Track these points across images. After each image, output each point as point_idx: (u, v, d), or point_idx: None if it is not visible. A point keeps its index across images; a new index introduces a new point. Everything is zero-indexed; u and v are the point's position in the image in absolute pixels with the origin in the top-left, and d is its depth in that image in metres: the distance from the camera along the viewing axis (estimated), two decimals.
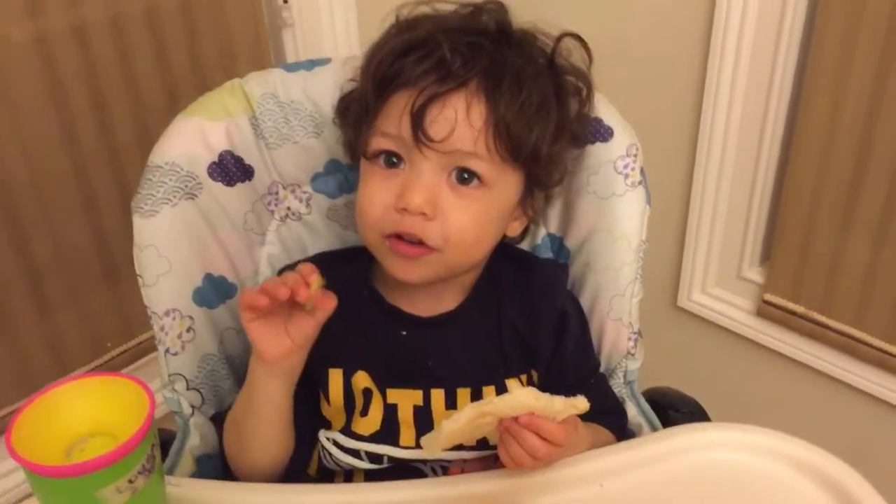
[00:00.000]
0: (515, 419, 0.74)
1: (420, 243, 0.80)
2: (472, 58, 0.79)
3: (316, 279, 0.78)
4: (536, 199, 0.91)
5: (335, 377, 0.86)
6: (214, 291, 0.93)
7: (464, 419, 0.73)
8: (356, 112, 0.86)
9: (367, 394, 0.85)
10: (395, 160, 0.81)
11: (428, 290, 0.86)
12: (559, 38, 0.87)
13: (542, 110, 0.83)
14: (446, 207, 0.80)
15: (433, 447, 0.75)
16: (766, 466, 0.81)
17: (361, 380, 0.85)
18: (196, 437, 0.91)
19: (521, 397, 0.74)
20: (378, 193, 0.82)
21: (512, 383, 0.87)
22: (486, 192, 0.81)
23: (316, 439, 0.88)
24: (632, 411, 0.96)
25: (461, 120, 0.78)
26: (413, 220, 0.79)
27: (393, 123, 0.80)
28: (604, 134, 0.94)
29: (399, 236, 0.81)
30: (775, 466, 0.81)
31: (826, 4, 1.27)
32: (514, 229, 0.90)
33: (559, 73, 0.87)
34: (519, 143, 0.81)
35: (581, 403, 0.76)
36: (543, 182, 0.89)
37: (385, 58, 0.82)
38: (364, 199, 0.83)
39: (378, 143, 0.82)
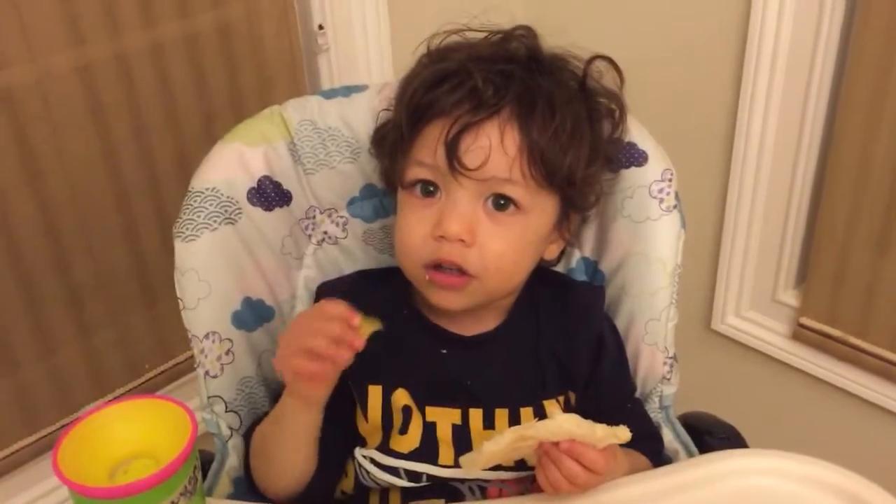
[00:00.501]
0: (556, 444, 0.74)
1: (459, 272, 0.81)
2: (503, 86, 0.80)
3: (362, 323, 0.76)
4: (572, 221, 0.91)
5: (374, 394, 0.86)
6: (253, 314, 0.94)
7: (505, 442, 0.73)
8: (391, 142, 0.87)
9: (407, 411, 0.85)
10: (431, 189, 0.82)
11: (468, 312, 0.87)
12: (590, 61, 0.88)
13: (576, 134, 0.83)
14: (483, 234, 0.81)
15: (472, 467, 0.76)
16: (804, 493, 0.81)
17: (401, 397, 0.86)
18: (234, 459, 0.92)
19: (564, 423, 0.74)
20: (416, 224, 0.83)
21: (551, 406, 0.87)
22: (522, 217, 0.82)
23: (346, 456, 0.89)
24: (668, 437, 0.96)
25: (495, 147, 0.79)
26: (452, 247, 0.80)
27: (428, 153, 0.81)
28: (638, 158, 0.95)
29: (438, 266, 0.82)
30: (813, 493, 0.80)
31: (861, 26, 1.27)
32: (552, 252, 0.91)
33: (591, 95, 0.88)
34: (553, 168, 0.81)
35: (623, 433, 0.76)
36: (579, 205, 0.90)
37: (418, 88, 0.83)
38: (402, 229, 0.84)
39: (414, 172, 0.83)
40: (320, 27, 1.40)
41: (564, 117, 0.82)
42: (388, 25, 1.41)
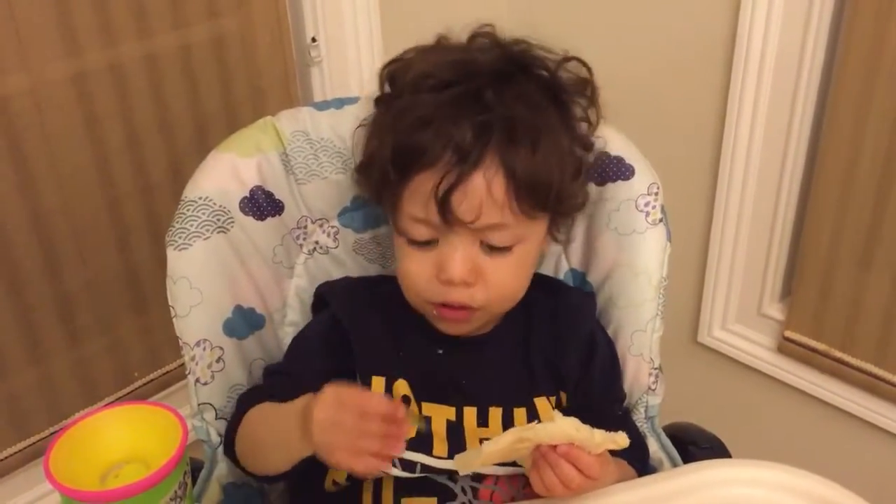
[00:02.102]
0: (553, 447, 0.75)
1: (466, 307, 0.84)
2: (482, 127, 0.80)
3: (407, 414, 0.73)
4: (562, 224, 0.93)
5: (378, 385, 0.88)
6: (244, 323, 0.95)
7: (504, 443, 0.74)
8: (377, 180, 0.88)
9: (406, 401, 0.87)
10: (429, 240, 0.84)
11: None
12: (560, 63, 0.89)
13: (557, 152, 0.84)
14: (485, 270, 0.83)
15: (467, 466, 0.77)
16: (786, 503, 0.82)
17: (401, 388, 0.88)
18: (224, 466, 0.93)
19: (563, 427, 0.75)
20: (418, 268, 0.85)
21: (544, 406, 0.89)
22: (518, 247, 0.85)
23: None
24: (653, 447, 0.97)
25: (485, 198, 0.80)
26: (457, 290, 0.83)
27: (420, 207, 0.82)
28: (625, 172, 0.97)
29: (445, 304, 0.85)
30: (795, 503, 0.82)
31: (847, 43, 1.29)
32: (544, 251, 0.94)
33: (562, 96, 0.88)
34: (542, 196, 0.83)
35: (622, 439, 0.77)
36: (568, 213, 0.92)
37: (398, 144, 0.83)
38: (406, 273, 0.86)
39: (410, 228, 0.84)
40: (313, 40, 1.41)
41: (545, 140, 0.83)
42: (381, 39, 1.43)
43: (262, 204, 0.96)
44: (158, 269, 1.29)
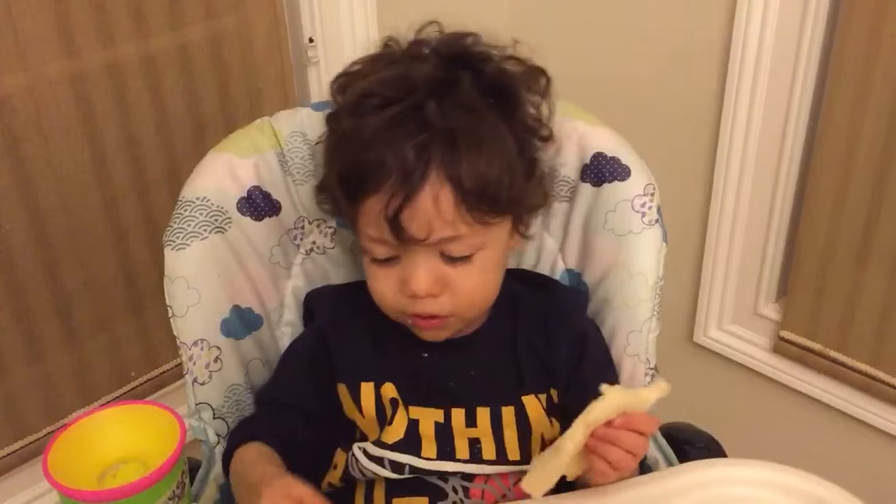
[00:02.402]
0: (608, 424, 0.76)
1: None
2: (424, 147, 0.79)
3: None
4: (527, 221, 0.92)
5: (367, 390, 0.89)
6: (241, 323, 0.95)
7: (579, 435, 0.75)
8: (333, 202, 0.90)
9: (394, 404, 0.87)
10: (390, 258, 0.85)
11: None
12: (504, 58, 0.87)
13: (503, 156, 0.83)
14: (449, 280, 0.84)
15: (538, 488, 0.76)
16: (781, 502, 0.82)
17: (389, 390, 0.88)
18: (221, 466, 0.93)
19: (615, 397, 0.76)
20: (384, 283, 0.86)
21: (531, 403, 0.89)
22: (480, 254, 0.84)
23: (325, 454, 0.91)
24: (649, 446, 0.97)
25: (434, 215, 0.79)
26: (423, 302, 0.84)
27: (374, 228, 0.82)
28: (621, 173, 0.97)
29: (416, 315, 0.85)
30: (789, 502, 0.82)
31: (843, 41, 1.29)
32: (513, 248, 0.93)
33: (507, 95, 0.86)
34: (495, 202, 0.82)
35: (663, 384, 0.78)
36: (531, 211, 0.91)
37: (343, 170, 0.83)
38: (373, 288, 0.87)
39: (370, 247, 0.84)
40: (310, 40, 1.42)
41: (489, 146, 0.82)
42: (377, 39, 1.43)
43: (259, 204, 0.96)
44: (156, 269, 1.29)
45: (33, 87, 1.16)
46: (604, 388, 0.76)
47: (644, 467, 0.95)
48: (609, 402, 0.75)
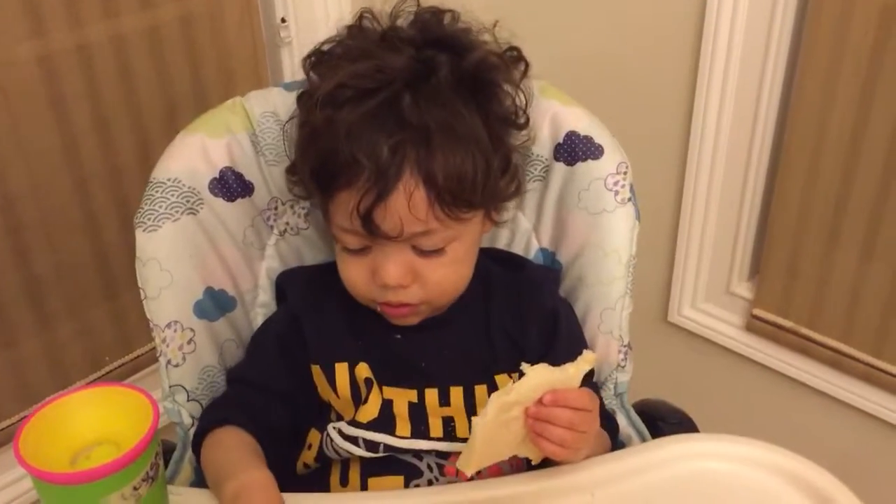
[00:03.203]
0: (540, 402, 0.75)
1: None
2: (399, 145, 0.78)
3: None
4: (500, 210, 0.92)
5: (342, 371, 0.89)
6: (214, 304, 0.95)
7: (491, 412, 0.73)
8: (304, 189, 0.90)
9: (368, 383, 0.88)
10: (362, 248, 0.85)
11: None
12: (498, 54, 0.87)
13: (478, 152, 0.82)
14: (420, 271, 0.84)
15: (469, 465, 0.75)
16: (754, 476, 0.83)
17: (363, 371, 0.88)
18: None
19: (539, 375, 0.75)
20: (355, 271, 0.86)
21: (504, 381, 0.89)
22: (451, 246, 0.85)
23: (298, 436, 0.91)
24: (622, 422, 0.98)
25: (404, 214, 0.79)
26: (394, 292, 0.85)
27: (345, 219, 0.81)
28: (594, 151, 0.97)
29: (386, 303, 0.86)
30: (763, 476, 0.83)
31: (812, 24, 1.30)
32: (486, 232, 0.93)
33: (484, 84, 0.85)
34: (469, 200, 0.82)
35: (588, 356, 0.77)
36: (503, 202, 0.91)
37: (316, 163, 0.82)
38: (344, 274, 0.88)
39: (342, 237, 0.85)
40: (283, 20, 1.41)
41: (464, 143, 0.81)
42: (350, 20, 1.42)
43: (231, 185, 0.95)
44: (128, 253, 1.27)
45: (1, 68, 1.14)
46: (524, 366, 0.76)
47: (617, 443, 0.96)
48: (532, 380, 0.75)
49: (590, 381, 0.97)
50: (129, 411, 0.73)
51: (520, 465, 0.88)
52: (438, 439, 0.87)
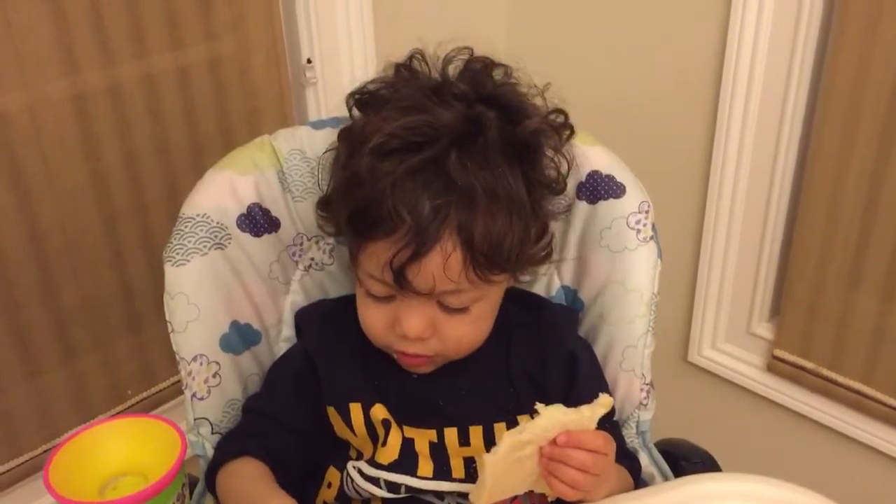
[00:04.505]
0: (553, 442, 0.75)
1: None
2: (442, 205, 0.78)
3: None
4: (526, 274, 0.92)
5: (356, 411, 0.89)
6: (240, 338, 0.96)
7: (502, 450, 0.74)
8: (336, 227, 0.90)
9: (386, 424, 0.88)
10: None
11: None
12: (541, 119, 0.87)
13: (519, 220, 0.82)
14: (441, 326, 0.84)
15: (481, 498, 0.76)
16: None
17: (379, 412, 0.88)
18: None
19: (552, 415, 0.75)
20: (376, 316, 0.86)
21: (523, 419, 0.88)
22: (476, 306, 0.85)
23: (316, 473, 0.91)
24: (644, 461, 0.98)
25: (438, 274, 0.79)
26: (412, 343, 0.85)
27: (376, 268, 0.81)
28: (616, 191, 0.98)
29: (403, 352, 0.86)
30: None
31: (833, 65, 1.31)
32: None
33: (530, 151, 0.86)
34: (502, 264, 0.83)
35: (604, 399, 0.77)
36: (533, 268, 0.92)
37: (354, 211, 0.81)
38: (364, 318, 0.88)
39: (368, 283, 0.85)
40: (308, 61, 1.43)
41: (506, 210, 0.81)
42: (375, 61, 1.45)
43: (258, 221, 0.97)
44: (153, 287, 1.30)
45: (33, 105, 1.17)
46: (539, 406, 0.76)
47: (639, 483, 0.96)
48: (545, 420, 0.75)
49: (610, 419, 0.97)
50: (157, 442, 0.74)
51: (543, 502, 0.88)
52: (461, 480, 0.86)
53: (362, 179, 0.80)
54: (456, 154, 0.79)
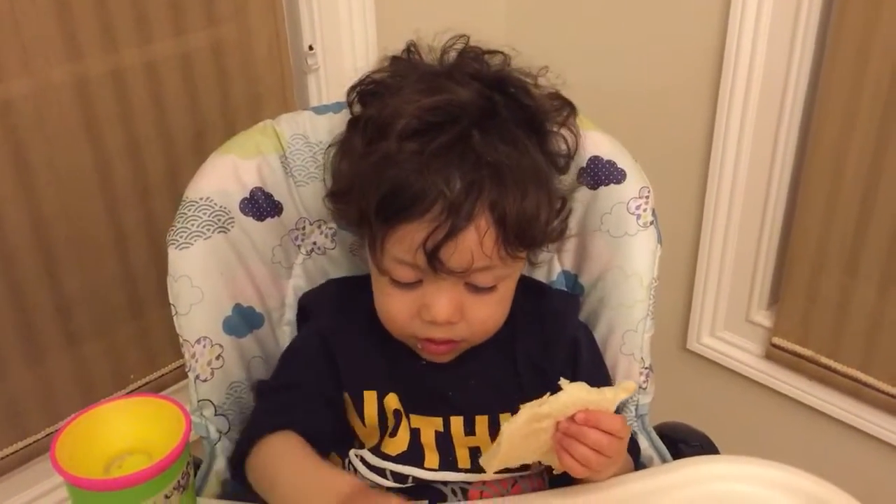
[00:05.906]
0: (571, 419, 0.76)
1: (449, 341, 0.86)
2: (473, 182, 0.78)
3: None
4: (540, 252, 0.94)
5: (370, 399, 0.89)
6: (243, 321, 0.97)
7: (521, 420, 0.74)
8: (356, 219, 0.87)
9: (397, 415, 0.88)
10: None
11: None
12: (548, 97, 0.89)
13: (545, 193, 0.84)
14: (468, 308, 0.84)
15: (491, 462, 0.77)
16: (775, 498, 0.83)
17: (392, 401, 0.89)
18: (222, 461, 0.94)
19: (574, 392, 0.75)
20: (400, 305, 0.85)
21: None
22: (501, 284, 0.86)
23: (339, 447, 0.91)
24: (643, 444, 0.99)
25: (475, 250, 0.80)
26: (441, 328, 0.84)
27: (407, 253, 0.81)
28: (617, 176, 0.99)
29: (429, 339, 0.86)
30: (783, 498, 0.83)
31: (833, 51, 1.32)
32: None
33: (543, 126, 0.89)
34: (531, 241, 0.84)
35: (628, 384, 0.79)
36: (552, 244, 0.94)
37: (384, 195, 0.80)
38: (387, 309, 0.87)
39: (394, 269, 0.83)
40: (310, 48, 1.44)
41: (533, 184, 0.82)
42: (377, 47, 1.45)
43: (261, 205, 0.97)
44: (156, 273, 1.31)
45: (37, 91, 1.17)
46: (562, 382, 0.76)
47: (639, 465, 0.96)
48: (568, 396, 0.75)
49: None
50: (161, 421, 0.75)
51: (541, 486, 0.89)
52: (466, 470, 0.87)
53: (392, 162, 0.80)
54: (479, 132, 0.80)
